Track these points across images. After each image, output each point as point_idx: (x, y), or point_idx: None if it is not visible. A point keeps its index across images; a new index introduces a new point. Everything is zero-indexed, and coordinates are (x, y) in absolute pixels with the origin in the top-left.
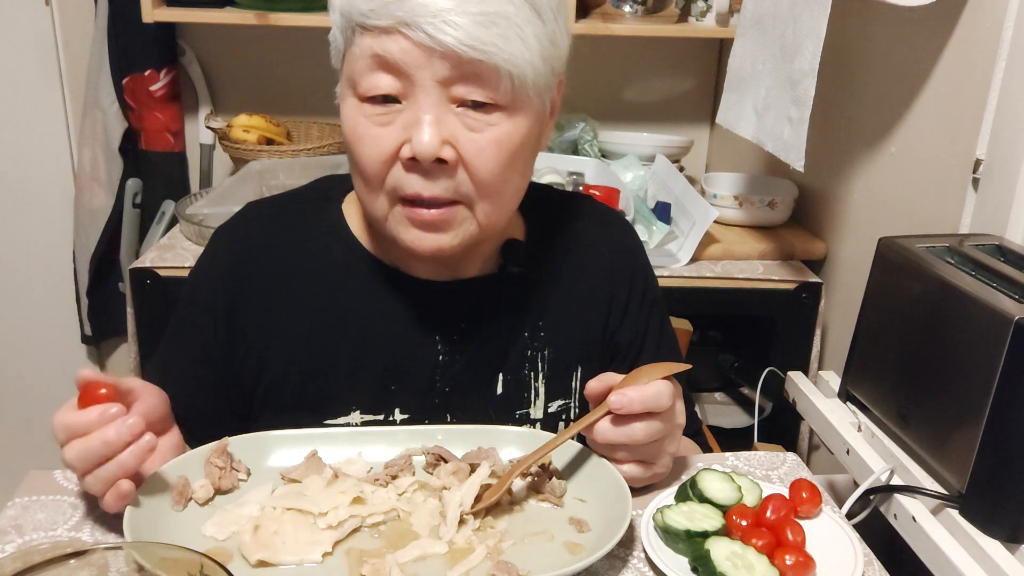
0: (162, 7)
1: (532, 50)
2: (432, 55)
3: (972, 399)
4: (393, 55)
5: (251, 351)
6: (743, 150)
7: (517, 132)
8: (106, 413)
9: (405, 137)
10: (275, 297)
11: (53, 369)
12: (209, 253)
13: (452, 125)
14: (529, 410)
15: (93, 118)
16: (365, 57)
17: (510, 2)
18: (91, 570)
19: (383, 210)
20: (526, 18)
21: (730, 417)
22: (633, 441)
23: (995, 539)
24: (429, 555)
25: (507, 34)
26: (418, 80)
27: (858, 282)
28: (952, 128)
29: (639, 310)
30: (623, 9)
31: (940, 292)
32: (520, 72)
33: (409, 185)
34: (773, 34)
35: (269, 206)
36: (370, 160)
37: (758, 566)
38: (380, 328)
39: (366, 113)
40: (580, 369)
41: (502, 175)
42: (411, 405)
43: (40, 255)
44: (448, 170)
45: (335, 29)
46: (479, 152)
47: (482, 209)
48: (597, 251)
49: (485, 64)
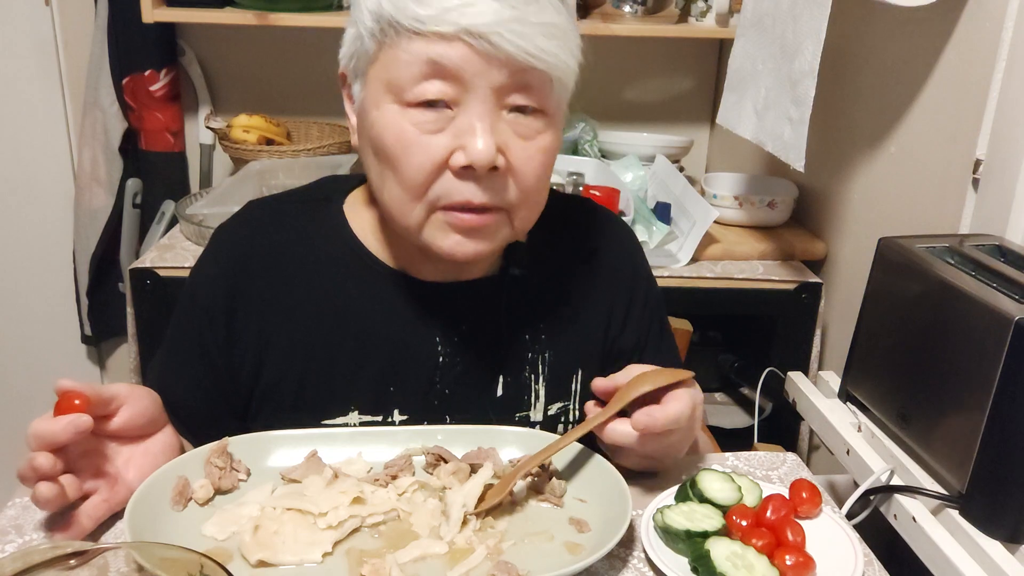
0: (162, 7)
1: (575, 59)
2: (491, 63)
3: (972, 399)
4: (453, 61)
5: (249, 351)
6: (743, 150)
7: (557, 139)
8: (72, 423)
9: (457, 144)
10: (274, 297)
11: (53, 369)
12: (209, 253)
13: (504, 132)
14: (529, 412)
15: (93, 118)
16: (416, 63)
17: (558, 12)
18: (91, 570)
19: (419, 218)
20: (572, 28)
21: (730, 417)
22: (646, 452)
23: (995, 539)
24: (429, 555)
25: (562, 45)
26: (473, 87)
27: (858, 282)
28: (952, 128)
29: (641, 314)
30: (623, 9)
31: (940, 292)
32: (567, 80)
33: (459, 193)
34: (773, 34)
35: (269, 206)
36: (418, 168)
37: (758, 566)
38: (380, 329)
39: (413, 120)
40: (580, 372)
41: (544, 183)
42: (410, 406)
43: (40, 255)
44: (499, 177)
45: (360, 31)
46: (528, 160)
47: (520, 215)
48: (598, 255)
49: (542, 73)
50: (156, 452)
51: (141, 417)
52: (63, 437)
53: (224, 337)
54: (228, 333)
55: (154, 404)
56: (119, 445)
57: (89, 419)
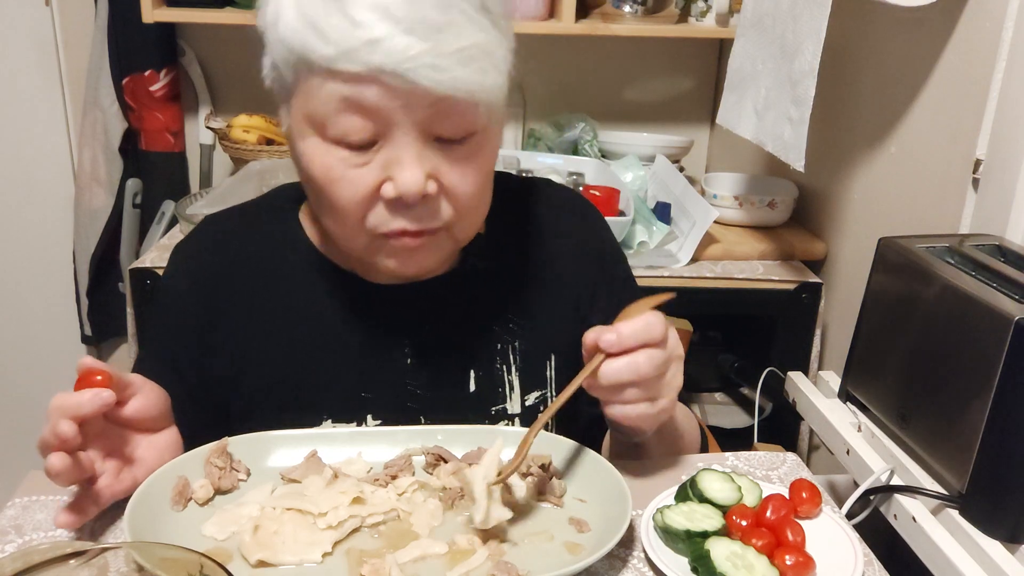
0: (162, 7)
1: (503, 73)
2: (410, 98)
3: (972, 399)
4: (369, 101)
5: (219, 363)
6: (743, 150)
7: (493, 149)
8: (97, 396)
9: (384, 176)
10: (239, 311)
11: (53, 369)
12: (169, 273)
13: (432, 159)
14: (506, 405)
15: (93, 118)
16: (333, 101)
17: (480, 29)
18: (91, 570)
19: (362, 244)
20: (496, 40)
21: (730, 417)
22: (639, 375)
23: (995, 539)
24: (429, 555)
25: (484, 67)
26: (395, 122)
27: (858, 282)
28: (952, 128)
29: (610, 290)
30: (623, 9)
31: (940, 292)
32: (496, 99)
33: (394, 223)
34: (773, 34)
35: (225, 220)
36: (349, 201)
37: (758, 566)
38: (346, 336)
39: (339, 156)
40: (554, 358)
41: (484, 192)
42: (384, 410)
43: (40, 255)
44: (432, 201)
45: (276, 61)
46: (461, 181)
47: (460, 228)
48: (561, 235)
49: (465, 100)
50: (162, 447)
51: (153, 408)
52: (87, 409)
53: (198, 352)
54: (202, 348)
55: (164, 400)
56: (129, 434)
57: (112, 393)
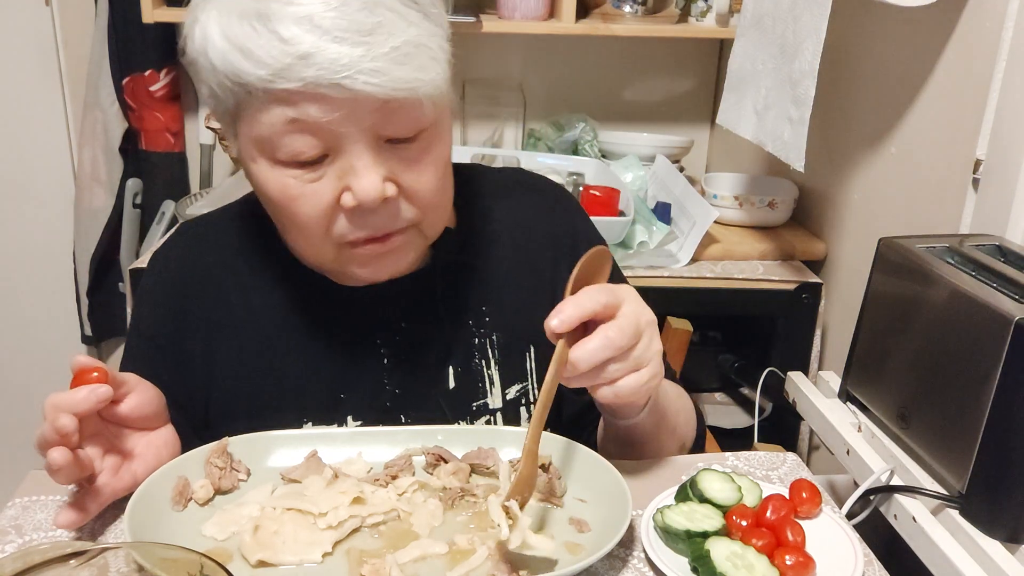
0: (162, 7)
1: (442, 63)
2: (354, 106)
3: (972, 399)
4: (313, 116)
5: (197, 371)
6: (743, 150)
7: (446, 143)
8: (94, 392)
9: (342, 186)
10: (217, 316)
11: (53, 369)
12: (147, 280)
13: (387, 162)
14: (487, 400)
15: (93, 118)
16: (278, 122)
17: (411, 23)
18: (91, 570)
19: (329, 255)
20: (429, 32)
21: (730, 417)
22: (615, 347)
23: (995, 539)
24: (429, 555)
25: (422, 62)
26: (343, 132)
27: (858, 282)
28: (952, 128)
29: None
30: (623, 9)
31: (940, 292)
32: (439, 91)
33: (358, 230)
34: (773, 34)
35: (201, 225)
36: (309, 217)
37: (758, 566)
38: (322, 338)
39: (292, 174)
40: (533, 349)
41: (445, 186)
42: (363, 411)
43: (40, 255)
44: (392, 204)
45: (214, 89)
46: (419, 179)
47: (427, 224)
48: (534, 224)
49: (409, 99)
50: (159, 445)
51: (148, 406)
52: (84, 406)
53: (174, 362)
54: (178, 357)
55: (159, 398)
56: (126, 432)
57: (109, 389)
